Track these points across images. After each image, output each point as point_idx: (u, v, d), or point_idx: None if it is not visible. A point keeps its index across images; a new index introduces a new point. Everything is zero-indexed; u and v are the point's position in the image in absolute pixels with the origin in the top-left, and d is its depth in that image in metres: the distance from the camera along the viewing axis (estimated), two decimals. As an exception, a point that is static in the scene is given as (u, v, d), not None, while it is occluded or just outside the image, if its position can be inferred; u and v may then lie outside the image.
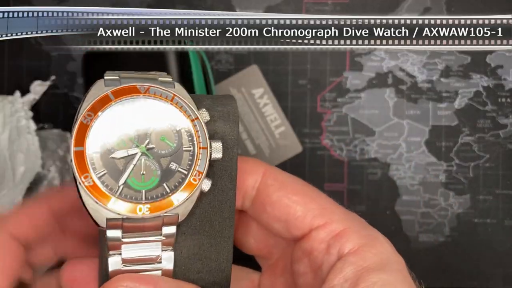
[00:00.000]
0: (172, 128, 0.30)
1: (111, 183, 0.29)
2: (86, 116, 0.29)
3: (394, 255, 0.31)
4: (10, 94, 0.49)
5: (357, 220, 0.33)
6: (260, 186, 0.33)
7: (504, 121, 0.51)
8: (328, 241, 0.31)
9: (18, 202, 0.46)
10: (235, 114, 0.32)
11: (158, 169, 0.30)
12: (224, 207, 0.32)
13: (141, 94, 0.30)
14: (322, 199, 0.33)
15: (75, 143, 0.28)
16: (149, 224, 0.29)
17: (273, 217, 0.33)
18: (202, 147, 0.30)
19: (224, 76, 0.52)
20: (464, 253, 0.51)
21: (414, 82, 0.51)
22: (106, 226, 0.29)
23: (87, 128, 0.29)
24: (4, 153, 0.46)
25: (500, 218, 0.51)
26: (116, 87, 0.30)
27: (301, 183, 0.34)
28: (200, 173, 0.30)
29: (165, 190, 0.29)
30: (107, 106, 0.29)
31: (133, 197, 0.29)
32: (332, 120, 0.52)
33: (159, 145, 0.30)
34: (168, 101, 0.30)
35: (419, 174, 0.51)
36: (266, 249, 0.36)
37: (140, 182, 0.29)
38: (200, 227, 0.32)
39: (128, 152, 0.29)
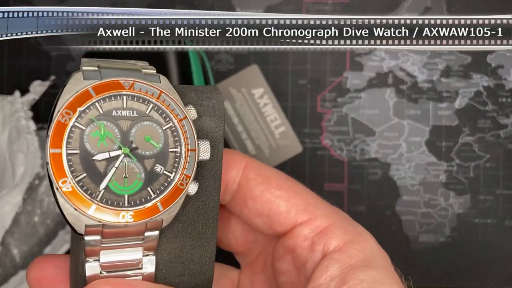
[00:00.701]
0: (158, 127, 0.28)
1: (91, 187, 0.27)
2: (64, 114, 0.26)
3: (379, 251, 0.30)
4: (10, 94, 0.49)
5: (341, 215, 0.32)
6: (241, 180, 0.32)
7: (504, 121, 0.51)
8: (312, 238, 0.31)
9: (18, 202, 0.46)
10: (220, 108, 0.30)
11: (142, 171, 0.27)
12: (208, 208, 0.31)
13: (125, 90, 0.27)
14: (306, 194, 0.32)
15: (52, 144, 0.26)
16: (131, 230, 0.27)
17: (255, 212, 0.32)
18: (191, 149, 0.28)
19: (224, 76, 0.52)
20: (464, 253, 0.51)
21: (415, 82, 0.51)
22: (85, 233, 0.27)
23: (65, 128, 0.26)
24: (4, 153, 0.46)
25: (501, 218, 0.51)
26: (97, 80, 0.27)
27: (284, 177, 0.33)
28: (187, 177, 0.28)
29: (149, 195, 0.27)
30: (87, 103, 0.27)
31: (114, 202, 0.27)
32: (332, 120, 0.52)
33: (143, 145, 0.28)
34: (154, 99, 0.28)
35: (420, 174, 0.51)
36: (245, 246, 0.35)
37: (122, 186, 0.27)
38: (182, 229, 0.30)
39: (110, 153, 0.27)
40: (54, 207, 0.47)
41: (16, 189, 0.45)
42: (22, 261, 0.47)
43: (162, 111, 0.28)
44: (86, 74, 0.27)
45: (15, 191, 0.45)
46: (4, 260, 0.46)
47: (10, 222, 0.45)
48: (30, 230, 0.47)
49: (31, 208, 0.47)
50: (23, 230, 0.47)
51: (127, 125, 0.27)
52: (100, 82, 0.27)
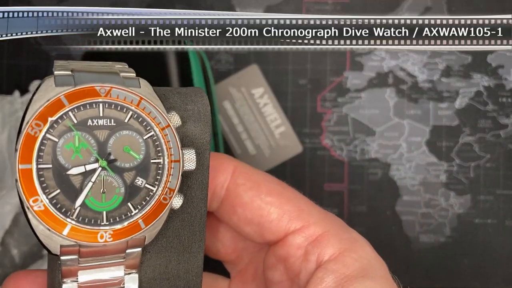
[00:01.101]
0: (138, 136, 0.26)
1: (66, 204, 0.24)
2: (33, 125, 0.24)
3: (376, 259, 0.29)
4: (9, 94, 0.49)
5: (336, 222, 0.30)
6: (229, 185, 0.30)
7: (505, 121, 0.51)
8: (305, 247, 0.29)
9: (17, 202, 0.46)
10: (206, 113, 0.28)
11: (121, 185, 0.25)
12: (194, 220, 0.28)
13: (101, 97, 0.25)
14: (298, 200, 0.30)
15: (21, 159, 0.24)
16: (111, 249, 0.25)
17: (244, 219, 0.30)
18: (174, 160, 0.26)
19: (224, 76, 0.52)
20: (464, 253, 0.51)
21: (415, 82, 0.51)
22: (60, 253, 0.24)
23: (35, 141, 0.24)
24: (3, 153, 0.46)
25: (501, 219, 0.51)
26: (70, 87, 0.25)
27: (275, 181, 0.31)
28: (171, 190, 0.26)
29: (129, 210, 0.25)
30: (59, 113, 0.24)
31: (92, 220, 0.24)
32: (332, 120, 0.52)
33: (122, 157, 0.25)
34: (134, 106, 0.26)
35: (420, 174, 0.51)
36: (235, 254, 0.33)
37: (100, 202, 0.25)
38: (167, 244, 0.28)
39: (85, 167, 0.25)
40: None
41: (16, 189, 0.45)
42: (22, 261, 0.47)
43: (143, 119, 0.26)
44: (58, 80, 0.25)
45: (15, 191, 0.45)
46: (3, 261, 0.46)
47: (9, 222, 0.45)
48: (29, 230, 0.47)
49: (31, 208, 0.47)
50: (22, 231, 0.47)
51: (104, 135, 0.25)
52: (74, 89, 0.25)
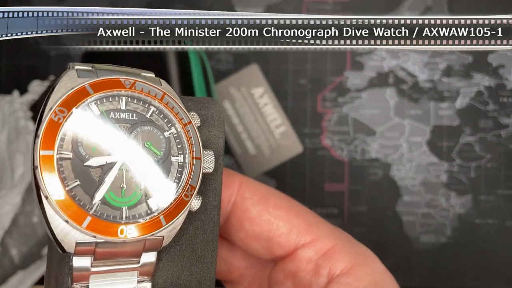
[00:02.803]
0: (159, 133, 0.25)
1: (85, 198, 0.23)
2: (57, 112, 0.23)
3: (386, 273, 0.29)
4: (9, 93, 0.49)
5: (345, 236, 0.30)
6: (236, 200, 0.30)
7: (505, 121, 0.51)
8: (316, 261, 0.29)
9: (17, 203, 0.46)
10: (219, 119, 0.28)
11: (141, 181, 0.25)
12: (207, 227, 0.28)
13: (125, 89, 0.25)
14: (306, 214, 0.30)
15: (43, 145, 0.22)
16: (127, 250, 0.24)
17: (252, 234, 0.29)
18: (196, 157, 0.25)
19: (224, 76, 0.52)
20: (465, 253, 0.51)
21: (415, 81, 0.51)
22: (74, 252, 0.23)
23: (58, 127, 0.23)
24: (3, 153, 0.46)
25: (502, 219, 0.51)
26: (94, 78, 0.24)
27: (281, 196, 0.30)
28: (193, 188, 0.25)
29: (149, 207, 0.24)
30: (83, 102, 0.24)
31: (111, 215, 0.23)
32: (333, 120, 0.51)
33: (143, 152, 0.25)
34: (157, 100, 0.25)
35: (420, 174, 0.51)
36: (237, 273, 0.32)
37: (119, 197, 0.24)
38: (180, 252, 0.27)
39: (106, 160, 0.24)
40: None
41: (15, 190, 0.45)
42: (21, 261, 0.47)
43: (164, 116, 0.25)
44: (80, 73, 0.25)
45: (14, 192, 0.45)
46: (3, 261, 0.46)
47: (9, 222, 0.45)
48: (29, 230, 0.47)
49: (30, 208, 0.47)
50: (22, 231, 0.47)
51: (125, 129, 0.25)
52: (99, 79, 0.24)
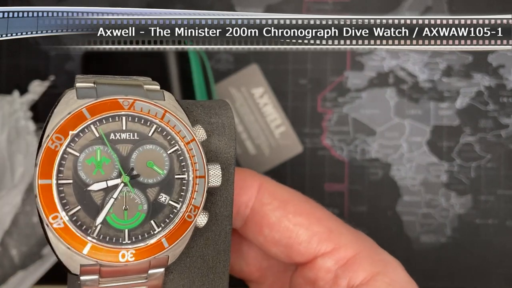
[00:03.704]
0: (162, 151, 0.25)
1: (87, 221, 0.24)
2: (54, 139, 0.23)
3: (409, 282, 0.28)
4: (9, 93, 0.49)
5: (367, 242, 0.29)
6: (255, 205, 0.29)
7: (505, 121, 0.51)
8: (335, 271, 0.28)
9: (17, 203, 0.46)
10: (230, 126, 0.28)
11: (144, 202, 0.24)
12: (219, 238, 0.27)
13: (124, 110, 0.24)
14: (327, 219, 0.29)
15: (41, 174, 0.23)
16: (132, 269, 0.24)
17: (271, 240, 0.29)
18: (199, 176, 0.25)
19: (224, 76, 0.52)
20: (465, 253, 0.51)
21: (415, 81, 0.51)
22: (80, 273, 0.24)
23: (55, 155, 0.23)
24: (3, 153, 0.46)
25: (502, 219, 0.51)
26: (92, 99, 0.24)
27: (303, 199, 0.30)
28: (196, 207, 0.25)
29: (152, 228, 0.24)
30: (80, 126, 0.24)
31: (113, 238, 0.24)
32: (333, 120, 0.51)
33: (145, 172, 0.25)
34: (158, 119, 0.25)
35: (420, 174, 0.51)
36: (259, 273, 0.32)
37: (122, 220, 0.24)
38: (190, 263, 0.27)
39: (107, 183, 0.24)
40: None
41: (15, 190, 0.45)
42: (21, 261, 0.47)
43: (167, 133, 0.25)
44: (80, 92, 0.24)
45: (14, 192, 0.45)
46: (3, 261, 0.46)
47: (9, 222, 0.45)
48: (29, 230, 0.47)
49: (30, 208, 0.47)
50: (22, 231, 0.47)
51: (127, 150, 0.25)
52: (96, 101, 0.24)
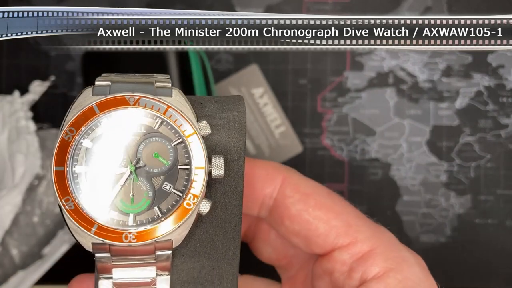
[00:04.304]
0: (167, 143, 0.27)
1: (96, 205, 0.27)
2: (67, 131, 0.27)
3: (424, 280, 0.28)
4: (9, 93, 0.49)
5: (386, 238, 0.30)
6: (278, 197, 0.30)
7: (505, 121, 0.51)
8: (350, 264, 0.29)
9: (17, 202, 0.46)
10: (241, 121, 0.29)
11: (149, 190, 0.27)
12: (228, 226, 0.29)
13: (130, 105, 0.27)
14: (347, 214, 0.30)
15: (56, 162, 0.26)
16: (139, 249, 0.27)
17: (292, 231, 0.30)
18: (198, 167, 0.27)
19: (224, 76, 0.52)
20: (465, 253, 0.51)
21: (415, 81, 0.51)
22: (93, 250, 0.27)
23: (68, 145, 0.26)
24: (4, 153, 0.46)
25: (501, 219, 0.51)
26: (102, 97, 0.27)
27: (324, 193, 0.31)
28: (195, 196, 0.27)
29: (156, 214, 0.27)
30: (91, 120, 0.27)
31: (120, 221, 0.27)
32: (333, 120, 0.51)
33: (151, 162, 0.27)
34: (161, 114, 0.27)
35: (420, 174, 0.51)
36: (285, 260, 0.33)
37: (129, 204, 0.27)
38: (200, 248, 0.29)
39: (116, 171, 0.27)
40: (54, 208, 0.47)
41: (16, 190, 0.45)
42: (22, 261, 0.47)
43: (172, 126, 0.27)
44: (95, 90, 0.27)
45: (15, 192, 0.45)
46: (3, 261, 0.46)
47: (9, 222, 0.45)
48: (29, 230, 0.47)
49: (31, 208, 0.47)
50: (22, 231, 0.47)
51: (134, 142, 0.27)
52: (105, 98, 0.27)
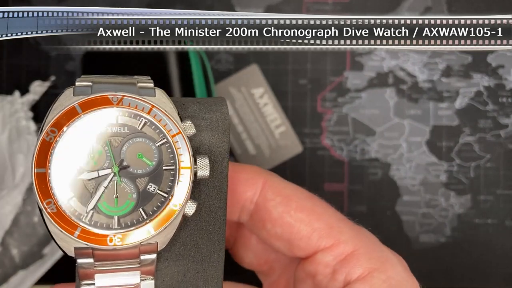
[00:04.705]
0: (151, 143, 0.27)
1: (79, 208, 0.26)
2: (49, 132, 0.25)
3: (407, 279, 0.28)
4: (9, 94, 0.49)
5: (367, 239, 0.30)
6: (259, 200, 0.30)
7: (505, 121, 0.51)
8: (334, 266, 0.29)
9: (17, 202, 0.46)
10: (224, 121, 0.29)
11: (134, 191, 0.26)
12: (213, 229, 0.28)
13: (113, 105, 0.26)
14: (328, 216, 0.30)
15: (36, 164, 0.25)
16: (123, 253, 0.26)
17: (274, 235, 0.30)
18: (184, 167, 0.27)
19: (224, 76, 0.52)
20: (465, 253, 0.51)
21: (415, 81, 0.51)
22: (75, 255, 0.26)
23: (50, 147, 0.25)
24: (4, 153, 0.46)
25: (501, 219, 0.51)
26: (84, 96, 0.26)
27: (305, 196, 0.31)
28: (181, 197, 0.26)
29: (141, 216, 0.26)
30: (73, 121, 0.26)
31: (104, 224, 0.26)
32: (333, 120, 0.52)
33: (135, 163, 0.26)
34: (145, 113, 0.26)
35: (420, 174, 0.51)
36: (267, 265, 0.33)
37: (113, 207, 0.26)
38: (185, 252, 0.28)
39: (98, 172, 0.26)
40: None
41: (16, 190, 0.45)
42: (22, 261, 0.47)
43: (156, 127, 0.27)
44: (77, 90, 0.26)
45: (15, 192, 0.45)
46: (3, 261, 0.46)
47: (10, 222, 0.45)
48: (29, 230, 0.47)
49: (31, 208, 0.47)
50: (22, 231, 0.47)
51: (117, 142, 0.26)
52: (87, 98, 0.26)
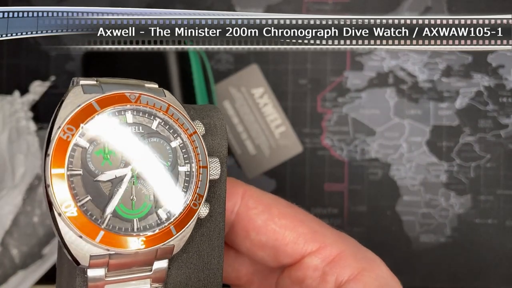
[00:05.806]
0: (166, 144, 0.26)
1: (96, 212, 0.24)
2: (65, 130, 0.24)
3: (392, 278, 0.29)
4: (9, 94, 0.49)
5: (350, 241, 0.30)
6: (240, 210, 0.30)
7: (505, 121, 0.51)
8: (323, 268, 0.29)
9: (17, 203, 0.46)
10: (222, 127, 0.29)
11: (150, 193, 0.25)
12: (213, 234, 0.28)
13: (131, 103, 0.25)
14: (310, 221, 0.30)
15: (53, 163, 0.23)
16: (140, 260, 0.25)
17: (258, 243, 0.30)
18: (202, 166, 0.26)
19: (224, 76, 0.52)
20: (465, 253, 0.51)
21: (415, 81, 0.51)
22: (89, 265, 0.24)
23: (67, 145, 0.24)
24: (4, 154, 0.46)
25: (501, 219, 0.51)
26: (99, 94, 0.25)
27: (284, 204, 0.31)
28: (200, 196, 0.26)
29: (159, 218, 0.25)
30: (91, 118, 0.24)
31: (122, 228, 0.24)
32: (333, 120, 0.51)
33: (150, 164, 0.25)
34: (162, 112, 0.26)
35: (420, 174, 0.51)
36: (245, 278, 0.33)
37: (130, 210, 0.25)
38: (187, 259, 0.28)
39: (115, 174, 0.25)
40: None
41: (16, 190, 0.45)
42: (22, 261, 0.47)
43: (170, 126, 0.26)
44: (85, 88, 0.25)
45: (15, 192, 0.45)
46: (3, 261, 0.46)
47: (9, 222, 0.45)
48: (29, 230, 0.47)
49: (31, 208, 0.47)
50: (22, 231, 0.47)
51: (133, 142, 0.25)
52: (104, 95, 0.25)
